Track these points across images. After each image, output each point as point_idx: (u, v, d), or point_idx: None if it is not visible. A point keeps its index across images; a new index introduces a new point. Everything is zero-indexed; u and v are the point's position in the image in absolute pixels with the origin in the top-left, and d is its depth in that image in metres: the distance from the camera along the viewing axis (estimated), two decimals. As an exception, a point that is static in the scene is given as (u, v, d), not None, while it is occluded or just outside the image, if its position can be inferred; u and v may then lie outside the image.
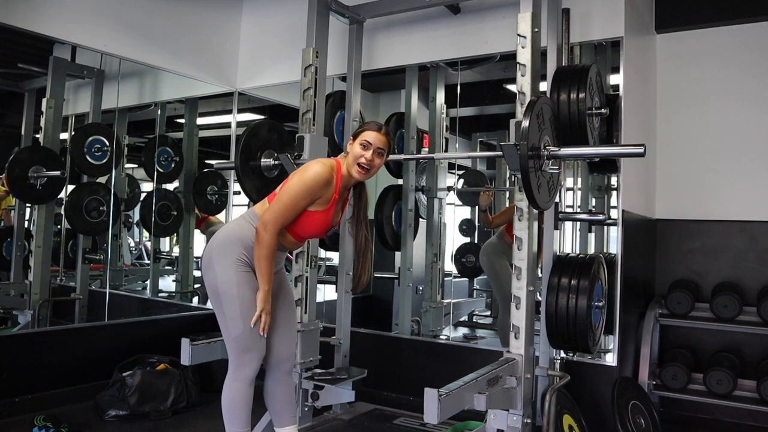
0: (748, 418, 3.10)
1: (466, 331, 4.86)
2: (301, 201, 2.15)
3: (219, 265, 2.17)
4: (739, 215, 3.33)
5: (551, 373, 2.56)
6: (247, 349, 2.17)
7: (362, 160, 2.21)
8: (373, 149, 2.21)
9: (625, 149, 2.41)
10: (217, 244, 2.20)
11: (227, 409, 2.20)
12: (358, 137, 2.24)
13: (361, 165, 2.21)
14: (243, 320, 2.14)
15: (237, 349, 2.18)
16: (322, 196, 2.19)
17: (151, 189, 4.71)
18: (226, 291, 2.15)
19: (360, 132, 2.26)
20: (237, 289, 2.14)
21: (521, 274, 2.30)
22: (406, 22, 3.50)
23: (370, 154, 2.21)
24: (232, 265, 2.15)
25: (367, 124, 2.28)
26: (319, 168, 2.17)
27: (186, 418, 3.18)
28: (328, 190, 2.19)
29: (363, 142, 2.22)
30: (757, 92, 3.30)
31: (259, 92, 4.35)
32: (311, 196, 2.16)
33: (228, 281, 2.15)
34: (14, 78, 4.17)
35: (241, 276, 2.16)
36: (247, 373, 2.18)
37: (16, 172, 3.58)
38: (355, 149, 2.23)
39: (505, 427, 2.24)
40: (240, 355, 2.18)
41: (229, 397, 2.20)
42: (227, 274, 2.15)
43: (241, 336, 2.15)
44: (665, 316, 3.25)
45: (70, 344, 3.40)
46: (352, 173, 2.24)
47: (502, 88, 4.38)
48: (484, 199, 4.18)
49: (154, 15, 3.73)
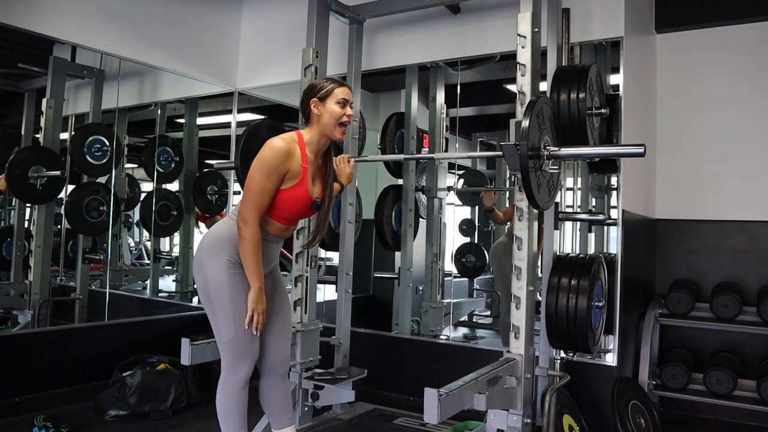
0: (748, 418, 3.10)
1: (466, 331, 4.86)
2: (268, 182, 2.06)
3: (210, 268, 2.11)
4: (739, 215, 3.33)
5: (551, 373, 2.56)
6: (240, 353, 2.13)
7: (345, 119, 2.16)
8: (348, 105, 2.18)
9: (625, 149, 2.41)
10: (207, 245, 2.15)
11: (222, 413, 2.17)
12: (330, 97, 2.15)
13: (344, 124, 2.17)
14: (235, 324, 2.10)
15: (230, 353, 2.14)
16: (289, 170, 2.09)
17: (151, 189, 4.71)
18: (217, 294, 2.10)
19: (329, 91, 2.16)
20: (228, 292, 2.09)
21: (521, 274, 2.30)
22: (406, 22, 3.50)
23: (349, 110, 2.18)
24: (223, 267, 2.09)
25: (330, 82, 2.19)
26: (275, 143, 2.08)
27: (186, 418, 3.18)
28: (292, 161, 2.09)
29: (340, 101, 2.15)
30: (758, 92, 3.30)
31: (259, 92, 4.35)
32: (276, 173, 2.06)
33: (219, 283, 2.10)
34: (14, 78, 4.17)
35: (233, 278, 2.10)
36: (239, 377, 2.14)
37: (16, 172, 3.57)
38: (332, 109, 2.14)
39: (505, 427, 2.24)
40: (233, 358, 2.13)
41: (223, 401, 2.16)
42: (218, 276, 2.10)
43: (234, 340, 2.11)
44: (665, 316, 3.25)
45: (70, 344, 3.40)
46: (334, 135, 2.16)
47: (502, 88, 4.38)
48: (488, 199, 4.18)
49: (154, 15, 3.73)
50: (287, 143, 2.09)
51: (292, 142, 2.12)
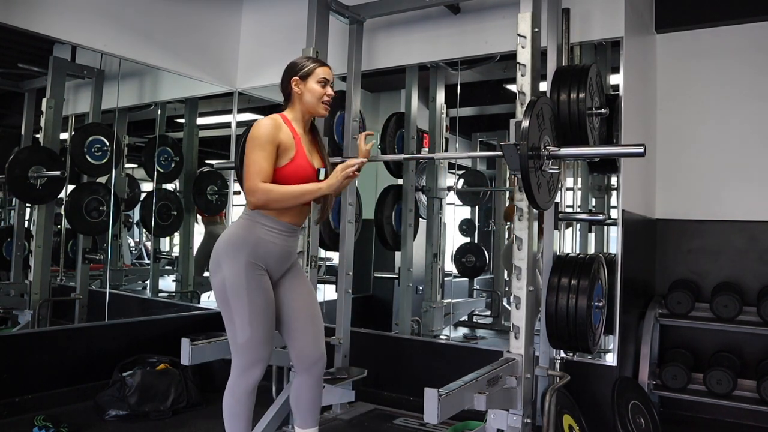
0: (748, 418, 3.10)
1: (466, 331, 4.86)
2: (263, 151, 2.05)
3: (228, 269, 2.09)
4: (739, 215, 3.33)
5: (551, 373, 2.55)
6: (252, 358, 2.10)
7: (326, 98, 2.20)
8: (329, 84, 2.22)
9: (625, 149, 2.41)
10: (224, 246, 2.13)
11: (228, 414, 2.15)
12: (311, 76, 2.18)
13: (326, 102, 2.20)
14: (251, 327, 2.07)
15: (243, 356, 2.11)
16: (281, 142, 2.08)
17: (151, 189, 4.71)
18: (235, 295, 2.08)
19: (310, 70, 2.19)
20: (247, 294, 2.07)
21: (521, 274, 2.30)
22: (406, 22, 3.50)
23: (330, 90, 2.22)
24: (242, 268, 2.07)
25: (311, 62, 2.23)
26: (260, 120, 2.11)
27: (186, 418, 3.18)
28: (282, 133, 2.10)
29: (321, 80, 2.19)
30: (758, 92, 3.30)
31: (259, 92, 4.35)
32: (269, 142, 2.06)
33: (238, 285, 2.07)
34: (14, 78, 4.17)
35: (252, 280, 2.08)
36: (249, 381, 2.12)
37: (16, 172, 3.57)
38: (314, 89, 2.18)
39: (505, 427, 2.24)
40: (245, 362, 2.11)
41: (230, 404, 2.14)
42: (237, 278, 2.07)
43: (248, 343, 2.08)
44: (665, 316, 3.25)
45: (70, 344, 3.40)
46: (318, 111, 2.20)
47: (502, 88, 4.38)
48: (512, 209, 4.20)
49: (154, 15, 3.73)
50: (272, 118, 2.13)
51: (277, 118, 2.15)
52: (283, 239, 2.15)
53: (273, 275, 2.19)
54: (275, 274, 2.19)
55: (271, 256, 2.14)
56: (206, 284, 5.07)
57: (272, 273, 2.18)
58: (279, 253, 2.16)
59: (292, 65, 2.25)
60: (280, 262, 2.18)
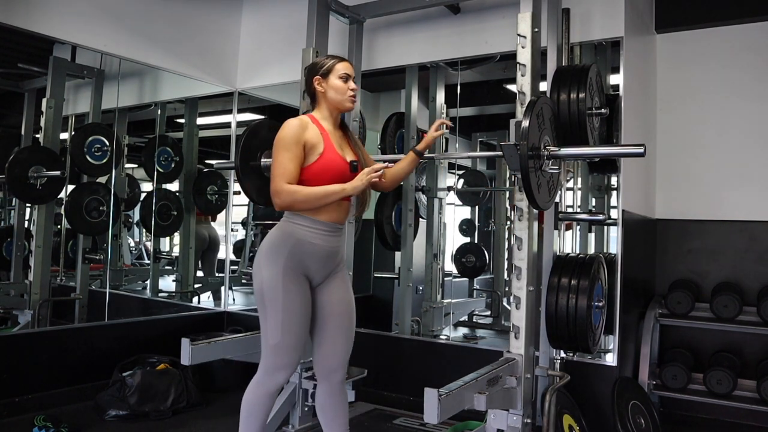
0: (748, 418, 3.10)
1: (466, 331, 4.86)
2: (288, 152, 2.05)
3: (267, 272, 2.10)
4: (739, 215, 3.33)
5: (551, 373, 2.56)
6: (280, 362, 2.11)
7: (350, 92, 2.20)
8: (352, 79, 2.22)
9: (625, 149, 2.41)
10: (265, 250, 2.14)
11: (245, 411, 2.17)
12: (332, 73, 2.19)
13: (350, 96, 2.21)
14: (282, 331, 2.08)
15: (270, 358, 2.12)
16: (307, 140, 2.09)
17: (151, 189, 4.71)
18: (271, 298, 2.09)
19: (330, 67, 2.20)
20: (282, 298, 2.08)
21: (521, 274, 2.30)
22: (406, 22, 3.50)
23: (353, 84, 2.22)
24: (279, 273, 2.08)
25: (330, 59, 2.23)
26: (287, 121, 2.13)
27: (186, 418, 3.18)
28: (308, 131, 2.11)
29: (342, 76, 2.19)
30: (757, 92, 3.30)
31: (259, 92, 4.35)
32: (294, 142, 2.06)
33: (275, 289, 2.09)
34: (14, 78, 4.17)
35: (288, 285, 2.09)
36: (273, 384, 2.14)
37: (16, 172, 3.57)
38: (336, 85, 2.19)
39: (505, 427, 2.24)
40: (272, 364, 2.12)
41: (250, 400, 2.16)
42: (274, 282, 2.09)
43: (277, 346, 2.10)
44: (665, 316, 3.25)
45: (70, 344, 3.40)
46: (345, 105, 2.21)
47: (502, 88, 4.39)
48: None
49: (154, 15, 3.73)
50: (299, 119, 2.15)
51: (303, 118, 2.17)
52: (323, 239, 2.13)
53: (314, 278, 2.18)
54: (317, 276, 2.18)
55: (312, 258, 2.13)
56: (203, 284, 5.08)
57: (313, 276, 2.17)
58: (320, 253, 2.14)
59: (312, 66, 2.27)
60: (321, 263, 2.16)
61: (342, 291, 2.26)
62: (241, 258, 6.96)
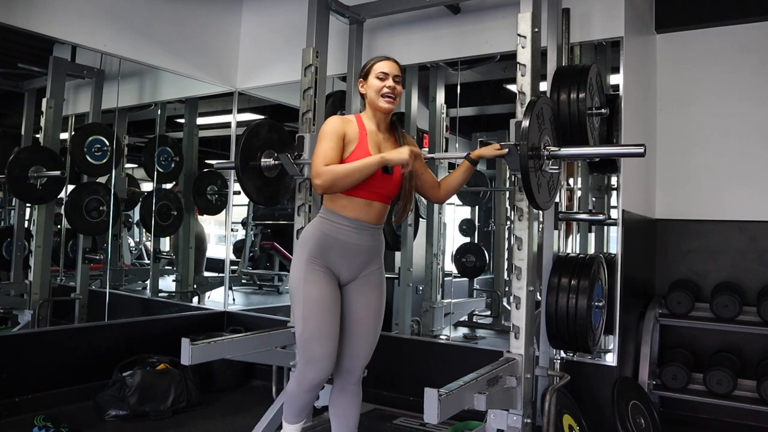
0: (748, 418, 3.10)
1: (466, 331, 4.86)
2: (330, 142, 2.07)
3: (294, 264, 2.18)
4: (739, 215, 3.33)
5: (551, 373, 2.55)
6: (308, 357, 2.12)
7: (386, 90, 2.15)
8: (391, 77, 2.17)
9: (625, 149, 2.41)
10: (297, 243, 2.22)
11: (286, 398, 2.27)
12: (371, 73, 2.18)
13: (386, 95, 2.15)
14: (304, 320, 2.10)
15: (300, 352, 2.16)
16: (346, 133, 2.11)
17: (150, 189, 4.71)
18: (294, 288, 2.15)
19: (370, 68, 2.20)
20: (303, 288, 2.11)
21: (521, 274, 2.30)
22: (406, 22, 3.50)
23: (391, 82, 2.16)
24: (302, 263, 2.13)
25: (373, 59, 2.23)
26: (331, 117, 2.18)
27: (186, 418, 3.18)
28: (348, 126, 2.13)
29: (379, 75, 2.16)
30: (757, 92, 3.30)
31: (259, 92, 4.35)
32: (335, 133, 2.09)
33: (297, 279, 2.14)
34: (14, 78, 4.17)
35: (310, 274, 2.12)
36: (305, 381, 2.14)
37: (16, 172, 3.57)
38: (373, 84, 2.17)
39: (505, 427, 2.24)
40: (302, 360, 2.15)
41: (289, 391, 2.24)
42: (297, 273, 2.14)
43: (302, 337, 2.12)
44: (665, 316, 3.25)
45: (70, 344, 3.40)
46: (378, 105, 2.16)
47: (502, 88, 4.39)
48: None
49: (154, 15, 3.73)
50: (339, 117, 2.17)
51: (348, 116, 2.21)
52: (348, 235, 2.13)
53: (341, 275, 2.19)
54: (344, 273, 2.19)
55: (336, 253, 2.14)
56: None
57: (340, 272, 2.18)
58: (343, 249, 2.14)
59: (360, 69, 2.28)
60: (346, 260, 2.16)
61: (369, 297, 2.24)
62: (241, 258, 6.98)
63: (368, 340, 2.26)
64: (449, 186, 2.34)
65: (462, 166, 2.32)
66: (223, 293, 4.38)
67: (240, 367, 3.77)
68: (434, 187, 2.33)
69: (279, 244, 6.91)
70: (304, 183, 2.94)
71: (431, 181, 2.33)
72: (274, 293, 6.71)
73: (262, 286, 6.83)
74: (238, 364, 3.70)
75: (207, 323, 4.09)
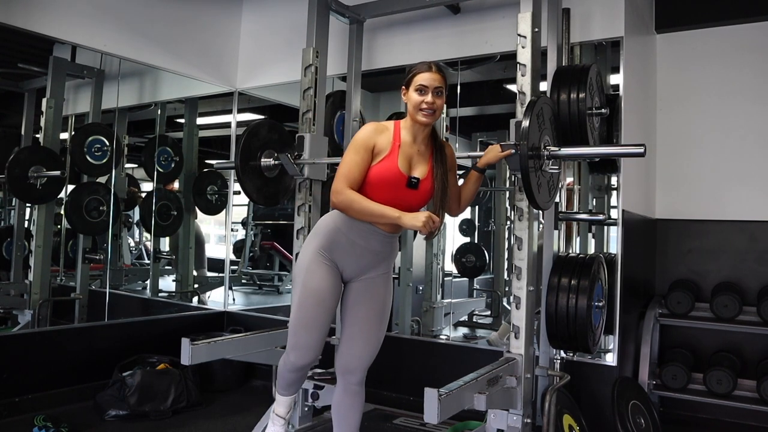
0: (748, 418, 3.10)
1: (466, 331, 4.86)
2: (356, 155, 2.07)
3: (302, 251, 2.21)
4: (739, 215, 3.33)
5: (551, 373, 2.56)
6: (294, 342, 2.19)
7: (424, 106, 2.08)
8: (431, 91, 2.08)
9: (625, 149, 2.41)
10: (313, 231, 2.22)
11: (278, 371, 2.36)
12: (411, 84, 2.11)
13: (423, 110, 2.09)
14: (298, 308, 2.15)
15: (290, 334, 2.22)
16: (377, 144, 2.09)
17: (151, 189, 4.71)
18: (295, 275, 2.21)
19: (411, 78, 2.11)
20: (303, 276, 2.15)
21: (521, 274, 2.30)
22: (406, 22, 3.50)
23: (430, 97, 2.08)
24: (309, 252, 2.16)
25: (416, 67, 2.13)
26: (367, 124, 2.20)
27: (186, 418, 3.18)
28: (381, 137, 2.11)
29: (419, 87, 2.09)
30: (757, 92, 3.30)
31: (259, 92, 4.35)
32: (363, 146, 2.08)
33: (300, 267, 2.17)
34: (14, 78, 4.17)
35: (313, 265, 2.14)
36: (288, 362, 2.25)
37: (16, 172, 3.57)
38: (412, 98, 2.10)
39: (505, 427, 2.24)
40: (289, 341, 2.23)
41: (279, 366, 2.33)
42: (302, 261, 2.17)
43: (293, 322, 2.18)
44: (665, 316, 3.25)
45: (70, 344, 3.40)
46: (417, 119, 2.10)
47: (502, 88, 4.38)
48: None
49: (154, 15, 3.73)
50: (378, 124, 2.17)
51: (384, 124, 2.17)
52: (358, 236, 2.13)
53: (345, 271, 2.19)
54: (347, 270, 2.19)
55: (342, 250, 2.15)
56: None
57: (344, 268, 2.18)
58: (350, 248, 2.14)
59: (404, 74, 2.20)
60: (352, 258, 2.16)
61: (373, 299, 2.23)
62: (241, 258, 6.98)
63: (370, 342, 2.25)
64: (464, 199, 2.34)
65: (471, 177, 2.31)
66: (223, 293, 4.38)
67: (240, 367, 3.77)
68: (455, 201, 2.32)
69: (279, 244, 6.91)
70: (304, 183, 2.94)
71: (455, 195, 2.31)
72: (274, 293, 6.71)
73: (262, 286, 6.83)
74: (238, 364, 3.70)
75: (207, 323, 4.09)
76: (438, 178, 2.17)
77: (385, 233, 2.17)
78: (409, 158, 2.14)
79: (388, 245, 2.21)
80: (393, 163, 2.09)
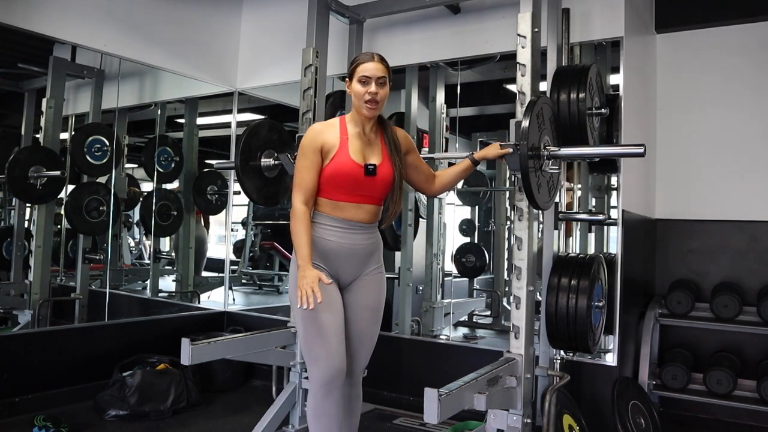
0: (748, 418, 3.10)
1: (466, 331, 4.86)
2: (305, 160, 2.07)
3: (292, 266, 2.16)
4: (739, 215, 3.33)
5: (551, 373, 2.56)
6: (310, 356, 2.08)
7: (367, 96, 2.06)
8: (373, 81, 2.07)
9: (625, 149, 2.41)
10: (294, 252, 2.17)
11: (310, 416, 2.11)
12: (354, 75, 2.09)
13: (368, 102, 2.07)
14: (302, 323, 2.09)
15: (305, 353, 2.12)
16: (324, 143, 2.08)
17: (151, 189, 4.71)
18: (290, 292, 2.17)
19: (354, 69, 2.10)
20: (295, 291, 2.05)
21: (521, 274, 2.30)
22: (406, 22, 3.50)
23: (374, 87, 2.06)
24: (295, 267, 2.11)
25: (359, 58, 2.12)
26: (311, 126, 2.18)
27: (186, 418, 3.18)
28: (327, 135, 2.09)
29: (361, 78, 2.07)
30: (758, 92, 3.30)
31: (259, 92, 4.35)
32: (310, 149, 2.07)
33: (292, 284, 2.14)
34: (14, 78, 4.17)
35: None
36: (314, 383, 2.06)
37: (16, 172, 3.57)
38: (355, 89, 2.08)
39: (505, 427, 2.24)
40: (307, 361, 2.11)
41: (309, 410, 2.10)
42: (292, 276, 2.15)
43: (302, 338, 2.11)
44: (665, 316, 3.25)
45: (70, 344, 3.40)
46: (363, 112, 2.09)
47: (502, 88, 4.38)
48: None
49: (154, 15, 3.73)
50: (321, 123, 2.18)
51: (329, 122, 2.17)
52: (340, 236, 2.12)
53: (341, 277, 2.18)
54: (343, 275, 2.18)
55: (331, 255, 2.13)
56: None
57: (340, 275, 2.17)
58: (337, 251, 2.13)
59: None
60: (344, 260, 2.15)
61: (367, 296, 2.23)
62: (241, 258, 6.98)
63: (365, 342, 2.25)
64: (444, 180, 2.32)
65: (462, 164, 2.31)
66: (223, 293, 4.38)
67: (240, 367, 3.77)
68: (429, 180, 2.31)
69: (279, 244, 6.91)
70: (304, 183, 2.93)
71: (426, 173, 2.31)
72: (274, 293, 6.71)
73: (262, 286, 6.83)
74: (238, 364, 3.70)
75: (207, 323, 4.09)
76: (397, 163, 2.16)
77: (365, 225, 2.16)
78: (361, 148, 2.13)
79: (372, 236, 2.22)
80: (346, 156, 2.08)
